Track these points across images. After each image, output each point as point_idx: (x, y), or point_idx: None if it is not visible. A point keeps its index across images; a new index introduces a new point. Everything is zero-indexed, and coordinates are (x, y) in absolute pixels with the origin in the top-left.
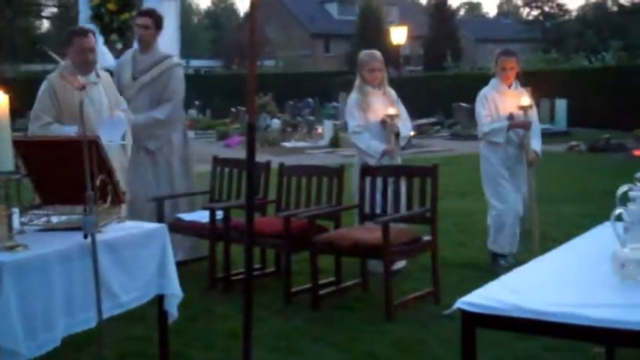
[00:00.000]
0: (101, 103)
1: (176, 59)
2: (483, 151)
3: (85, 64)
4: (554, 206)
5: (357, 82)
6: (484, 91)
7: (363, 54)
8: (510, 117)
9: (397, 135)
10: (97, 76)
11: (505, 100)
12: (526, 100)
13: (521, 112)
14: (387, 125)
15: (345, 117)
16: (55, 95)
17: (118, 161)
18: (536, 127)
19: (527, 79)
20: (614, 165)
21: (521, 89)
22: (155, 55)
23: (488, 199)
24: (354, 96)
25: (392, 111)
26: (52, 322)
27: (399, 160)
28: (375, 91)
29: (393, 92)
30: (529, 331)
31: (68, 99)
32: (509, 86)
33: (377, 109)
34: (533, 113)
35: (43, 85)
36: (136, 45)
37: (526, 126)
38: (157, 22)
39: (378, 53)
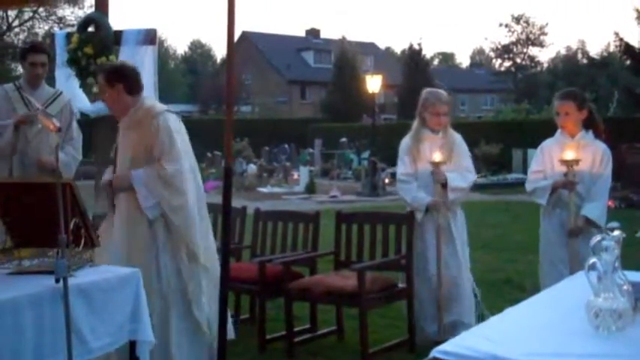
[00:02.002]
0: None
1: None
2: (541, 215)
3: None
4: (522, 255)
5: (415, 124)
6: (544, 142)
7: (429, 93)
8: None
9: (444, 185)
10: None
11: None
12: (570, 153)
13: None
14: (431, 173)
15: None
16: None
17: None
18: (600, 188)
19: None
20: None
21: (593, 141)
22: (45, 90)
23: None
24: (406, 140)
25: (437, 157)
26: None
27: (448, 214)
28: (432, 136)
29: (456, 137)
30: None
31: None
32: (573, 136)
33: (429, 158)
34: (598, 170)
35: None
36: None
37: (569, 186)
38: (50, 57)
39: (445, 94)
